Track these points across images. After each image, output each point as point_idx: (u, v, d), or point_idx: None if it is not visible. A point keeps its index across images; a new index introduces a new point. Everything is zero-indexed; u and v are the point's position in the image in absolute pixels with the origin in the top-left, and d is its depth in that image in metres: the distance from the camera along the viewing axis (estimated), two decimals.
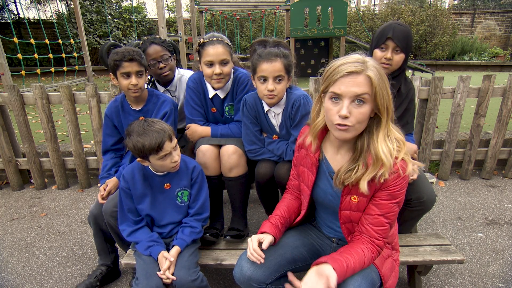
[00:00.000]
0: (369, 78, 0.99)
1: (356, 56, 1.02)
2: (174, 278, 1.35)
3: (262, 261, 1.19)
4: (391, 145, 1.05)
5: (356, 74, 0.99)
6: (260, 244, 1.22)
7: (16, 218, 2.60)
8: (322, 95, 1.11)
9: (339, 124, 1.03)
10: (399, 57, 1.64)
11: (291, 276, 1.15)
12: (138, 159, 1.43)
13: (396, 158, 1.06)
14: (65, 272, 1.97)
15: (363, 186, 1.06)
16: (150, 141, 1.33)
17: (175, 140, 1.43)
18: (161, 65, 1.96)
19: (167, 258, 1.38)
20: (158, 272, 1.37)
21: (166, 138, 1.36)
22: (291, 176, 1.45)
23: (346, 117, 1.01)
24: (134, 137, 1.36)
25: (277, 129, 1.70)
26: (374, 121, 1.07)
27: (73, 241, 2.28)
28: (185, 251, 1.46)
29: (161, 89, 2.11)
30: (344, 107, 1.00)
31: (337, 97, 1.02)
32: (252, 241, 1.21)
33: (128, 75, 1.66)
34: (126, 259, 1.56)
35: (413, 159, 1.51)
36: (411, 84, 1.81)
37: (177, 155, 1.43)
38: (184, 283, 1.35)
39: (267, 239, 1.23)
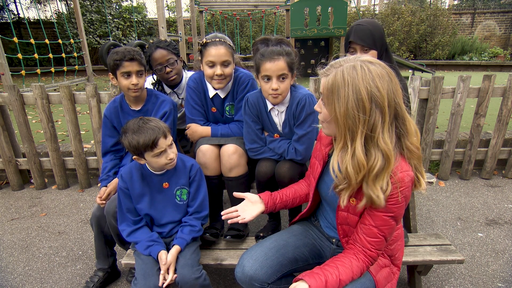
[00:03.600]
0: (323, 82, 1.01)
1: (341, 59, 1.02)
2: (175, 276, 1.36)
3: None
4: (350, 162, 0.99)
5: (323, 75, 1.02)
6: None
7: (16, 218, 2.60)
8: None
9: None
10: (371, 54, 1.67)
11: None
12: (134, 156, 1.44)
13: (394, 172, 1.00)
14: (65, 272, 1.97)
15: (342, 202, 1.06)
16: (145, 138, 1.34)
17: (170, 138, 1.43)
18: (168, 69, 1.95)
19: (164, 264, 1.38)
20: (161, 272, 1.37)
21: (160, 135, 1.37)
22: (309, 167, 1.48)
23: (319, 112, 1.09)
24: (129, 134, 1.37)
25: (279, 128, 1.70)
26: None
27: (73, 241, 2.28)
28: (186, 249, 1.46)
29: (168, 90, 2.11)
30: (317, 103, 1.10)
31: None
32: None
33: (128, 74, 1.66)
34: (126, 259, 1.56)
35: None
36: (401, 81, 1.82)
37: (172, 153, 1.43)
38: (187, 281, 1.35)
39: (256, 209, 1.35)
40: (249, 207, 1.35)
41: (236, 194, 1.37)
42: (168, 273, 1.37)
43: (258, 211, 1.34)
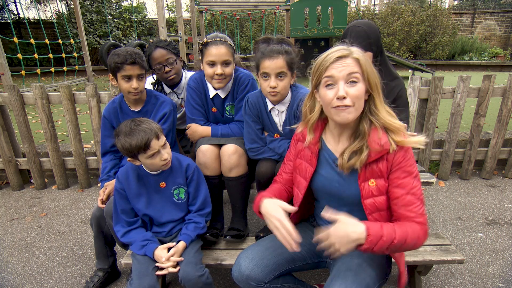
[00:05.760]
0: (357, 60, 1.06)
1: (339, 46, 1.10)
2: (181, 259, 1.39)
3: (295, 244, 1.08)
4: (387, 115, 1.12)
5: (344, 57, 1.06)
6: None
7: (16, 218, 2.60)
8: (315, 90, 1.15)
9: (338, 107, 1.07)
10: (366, 56, 1.68)
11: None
12: (128, 158, 1.44)
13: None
14: (65, 272, 1.97)
15: (409, 141, 1.09)
16: (137, 140, 1.34)
17: (163, 138, 1.43)
18: (167, 69, 1.95)
19: (168, 247, 1.40)
20: (158, 264, 1.38)
21: (152, 136, 1.36)
22: (281, 171, 1.41)
23: (344, 98, 1.05)
24: (122, 137, 1.37)
25: (280, 128, 1.70)
26: (370, 102, 1.12)
27: (73, 241, 2.28)
28: (190, 247, 1.47)
29: (167, 90, 2.11)
30: (341, 88, 1.05)
31: (331, 82, 1.07)
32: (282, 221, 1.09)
33: (129, 78, 1.65)
34: (126, 259, 1.56)
35: None
36: (396, 80, 1.81)
37: (166, 153, 1.43)
38: (191, 278, 1.35)
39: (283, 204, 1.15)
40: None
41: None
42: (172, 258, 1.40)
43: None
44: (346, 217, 1.01)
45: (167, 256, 1.38)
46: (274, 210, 1.13)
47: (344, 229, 0.99)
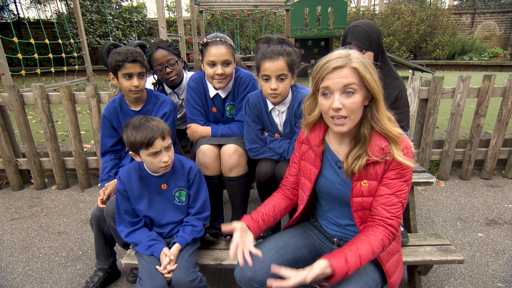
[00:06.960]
0: (355, 69, 1.04)
1: (339, 52, 1.08)
2: (176, 266, 1.39)
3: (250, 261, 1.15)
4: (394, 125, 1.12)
5: (341, 68, 1.04)
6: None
7: (16, 218, 2.60)
8: (316, 93, 1.16)
9: (333, 117, 1.08)
10: (367, 56, 1.69)
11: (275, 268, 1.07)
12: (130, 152, 1.45)
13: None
14: (65, 272, 1.97)
15: (399, 156, 1.09)
16: (142, 136, 1.35)
17: (168, 141, 1.42)
18: (168, 70, 1.95)
19: (166, 255, 1.40)
20: (157, 267, 1.38)
21: (158, 135, 1.37)
22: (287, 174, 1.44)
23: (339, 109, 1.05)
24: (130, 129, 1.39)
25: (280, 128, 1.70)
26: (372, 107, 1.11)
27: (73, 241, 2.28)
28: (184, 250, 1.46)
29: (168, 90, 2.11)
30: (336, 100, 1.05)
31: (328, 92, 1.07)
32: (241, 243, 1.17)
33: (130, 76, 1.65)
34: (126, 259, 1.56)
35: None
36: (397, 81, 1.81)
37: (167, 156, 1.42)
38: (182, 283, 1.35)
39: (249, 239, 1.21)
40: (244, 236, 1.22)
41: (225, 228, 1.23)
42: (168, 267, 1.39)
43: (252, 239, 1.23)
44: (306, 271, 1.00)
45: (164, 264, 1.38)
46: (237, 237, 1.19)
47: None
